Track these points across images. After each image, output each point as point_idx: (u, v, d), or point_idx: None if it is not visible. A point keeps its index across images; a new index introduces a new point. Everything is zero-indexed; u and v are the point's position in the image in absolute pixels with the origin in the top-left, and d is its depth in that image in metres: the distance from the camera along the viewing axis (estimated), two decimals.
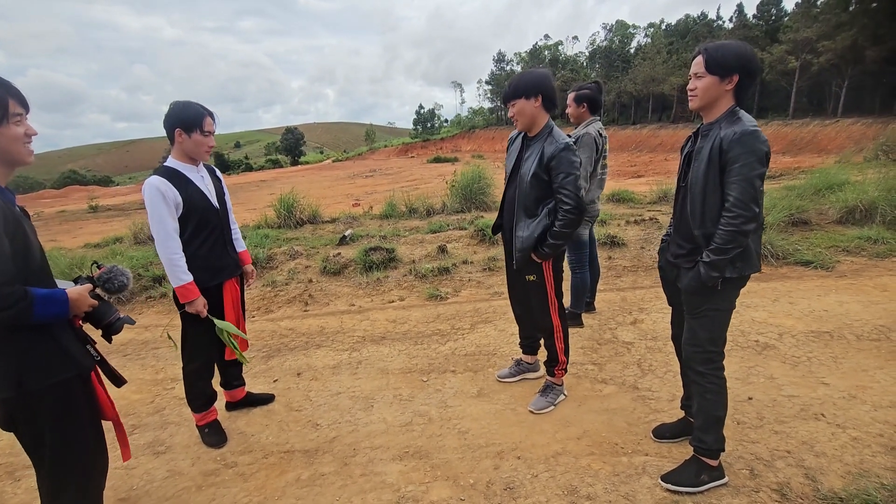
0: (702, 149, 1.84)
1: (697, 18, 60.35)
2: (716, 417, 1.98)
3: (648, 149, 44.25)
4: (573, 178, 2.27)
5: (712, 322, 1.93)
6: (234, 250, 2.56)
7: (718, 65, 1.76)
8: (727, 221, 1.74)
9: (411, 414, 2.67)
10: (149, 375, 3.39)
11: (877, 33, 32.73)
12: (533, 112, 2.35)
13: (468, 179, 7.84)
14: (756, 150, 1.70)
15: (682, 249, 1.97)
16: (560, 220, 2.30)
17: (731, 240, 1.74)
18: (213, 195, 2.40)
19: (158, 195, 2.16)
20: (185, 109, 2.24)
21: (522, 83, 2.33)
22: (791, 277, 4.48)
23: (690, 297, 1.95)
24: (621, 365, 3.07)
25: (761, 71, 1.84)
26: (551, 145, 2.30)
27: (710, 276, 1.81)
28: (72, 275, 5.15)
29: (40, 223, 15.57)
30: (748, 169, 1.70)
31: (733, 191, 1.73)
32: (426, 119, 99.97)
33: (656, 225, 5.91)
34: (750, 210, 1.71)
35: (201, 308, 2.29)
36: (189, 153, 2.30)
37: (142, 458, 2.42)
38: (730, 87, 1.79)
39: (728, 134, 1.74)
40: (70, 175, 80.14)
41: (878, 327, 3.35)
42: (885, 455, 2.11)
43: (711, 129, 1.83)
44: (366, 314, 4.27)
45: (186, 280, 2.24)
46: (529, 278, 2.48)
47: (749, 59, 1.77)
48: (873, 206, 5.58)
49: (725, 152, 1.74)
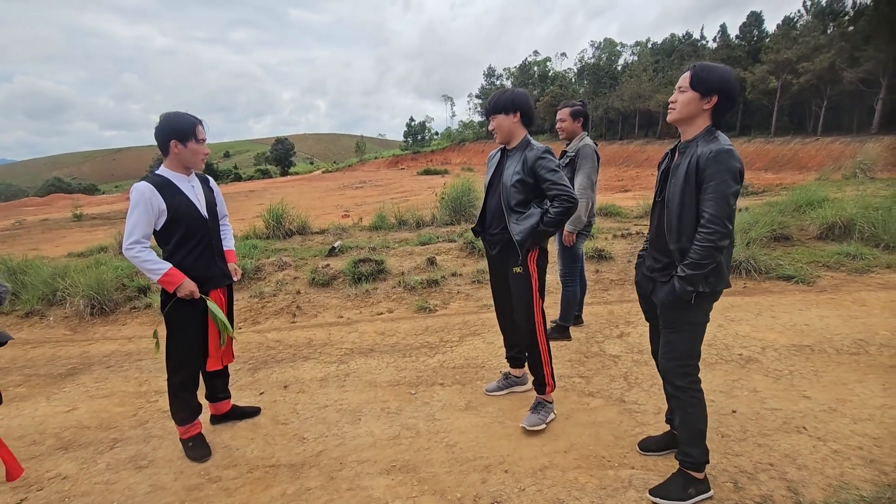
0: (679, 165, 1.90)
1: (682, 38, 61.88)
2: (698, 430, 2.01)
3: (635, 163, 44.92)
4: (560, 175, 2.42)
5: (688, 335, 1.97)
6: (222, 261, 2.55)
7: (702, 82, 1.83)
8: (703, 237, 1.79)
9: (399, 427, 2.66)
10: (132, 388, 3.33)
11: (853, 56, 33.86)
12: (511, 127, 2.51)
13: (458, 192, 7.89)
14: (731, 168, 1.76)
15: (658, 263, 2.02)
16: (556, 206, 2.40)
17: (706, 255, 1.79)
18: (202, 205, 2.40)
19: (142, 200, 2.18)
20: (177, 120, 2.26)
21: (502, 100, 2.50)
22: (773, 292, 4.57)
23: (666, 311, 1.99)
24: (608, 378, 3.10)
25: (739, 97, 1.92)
26: (531, 152, 2.45)
27: (684, 290, 1.85)
28: (54, 284, 5.06)
29: (22, 231, 15.27)
30: (724, 186, 1.75)
31: (709, 207, 1.78)
32: (417, 131, 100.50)
33: (643, 238, 5.99)
34: (724, 227, 1.76)
35: (193, 288, 2.27)
36: (185, 162, 2.33)
37: (123, 473, 2.37)
38: (708, 107, 1.85)
39: (705, 152, 1.79)
40: (55, 183, 78.81)
41: (857, 341, 3.43)
42: (865, 467, 2.15)
43: (689, 146, 1.89)
44: (354, 326, 4.25)
45: (165, 268, 2.22)
46: (516, 270, 2.54)
47: (731, 83, 1.83)
48: (852, 223, 5.72)
49: (702, 170, 1.79)
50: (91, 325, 4.70)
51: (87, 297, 4.79)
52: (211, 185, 2.57)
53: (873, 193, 7.32)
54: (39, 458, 2.55)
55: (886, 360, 3.14)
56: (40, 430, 2.83)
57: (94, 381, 3.47)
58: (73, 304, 4.82)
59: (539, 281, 2.56)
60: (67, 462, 2.50)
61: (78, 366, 3.77)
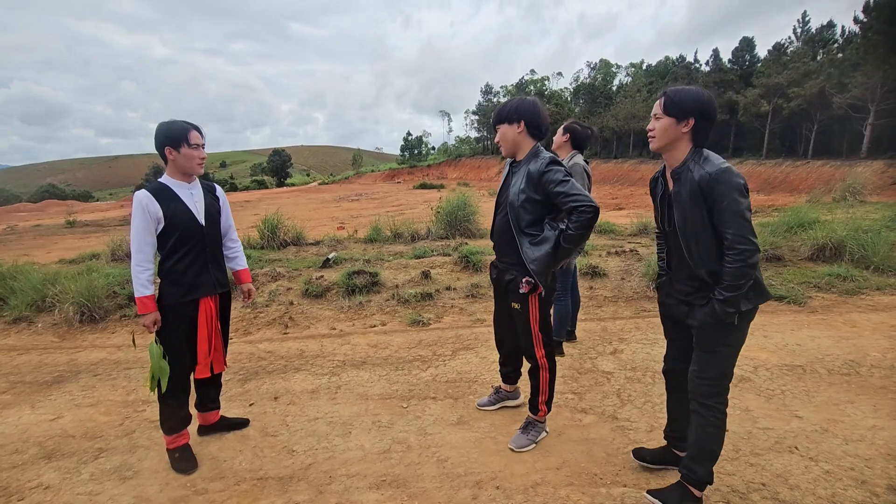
0: (679, 193, 1.87)
1: (676, 61, 63.15)
2: (711, 451, 1.98)
3: (629, 182, 45.38)
4: (571, 184, 2.20)
5: (724, 357, 1.92)
6: (217, 269, 2.53)
7: (675, 106, 1.83)
8: (733, 259, 1.75)
9: (390, 441, 2.63)
10: (119, 397, 3.27)
11: (842, 82, 34.65)
12: (515, 137, 2.37)
13: (453, 206, 7.93)
14: (735, 185, 1.73)
15: (691, 287, 1.98)
16: (575, 220, 2.17)
17: (741, 275, 1.75)
18: (200, 213, 2.41)
19: (139, 208, 2.25)
20: (169, 127, 2.30)
21: (506, 109, 2.37)
22: (765, 311, 4.60)
23: (704, 334, 1.93)
24: (601, 395, 3.09)
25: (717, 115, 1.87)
26: (536, 163, 2.28)
27: (726, 312, 1.81)
28: (43, 291, 5.00)
29: (13, 237, 15.12)
30: (736, 204, 1.72)
31: (729, 228, 1.74)
32: (414, 146, 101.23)
33: (636, 256, 6.04)
34: (751, 243, 1.73)
35: (149, 324, 2.32)
36: (182, 168, 2.35)
37: (107, 484, 2.32)
38: (686, 130, 1.84)
39: (703, 175, 1.77)
40: (48, 189, 78.36)
41: (847, 362, 3.45)
42: (856, 489, 2.14)
43: (682, 172, 1.86)
44: (347, 338, 4.23)
45: (144, 293, 2.30)
46: (514, 305, 2.45)
47: (705, 103, 1.82)
48: (842, 245, 5.80)
49: (707, 192, 1.76)
50: (80, 332, 4.64)
51: (76, 303, 4.73)
52: (217, 194, 2.59)
53: (863, 216, 7.44)
54: (21, 466, 2.49)
55: (877, 382, 3.16)
56: (24, 439, 2.77)
57: (80, 389, 3.41)
58: (63, 310, 4.76)
59: (540, 314, 2.41)
60: (50, 471, 2.44)
61: (65, 373, 3.71)
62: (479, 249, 5.97)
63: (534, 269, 2.28)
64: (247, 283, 2.78)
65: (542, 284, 2.33)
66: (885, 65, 31.12)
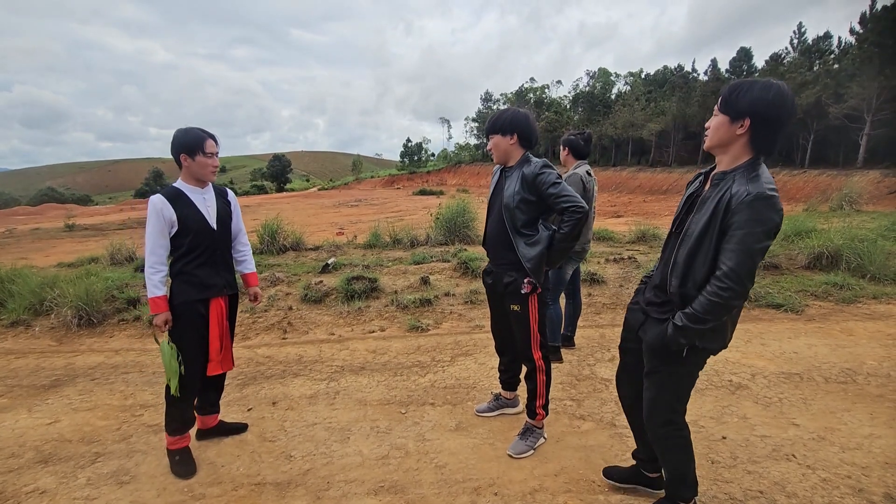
0: (708, 199, 1.64)
1: (675, 70, 63.65)
2: (681, 474, 1.92)
3: (628, 190, 45.55)
4: (563, 185, 2.31)
5: (673, 387, 1.81)
6: (227, 271, 2.59)
7: (729, 105, 1.59)
8: (714, 291, 1.55)
9: (388, 447, 2.63)
10: (117, 401, 3.26)
11: (838, 92, 34.96)
12: (507, 148, 2.46)
13: (453, 212, 7.95)
14: (766, 221, 1.49)
15: (658, 298, 1.83)
16: (566, 221, 2.28)
17: (712, 311, 1.57)
18: (212, 217, 2.47)
19: (154, 212, 2.32)
20: (186, 135, 2.37)
21: (500, 120, 2.45)
22: (763, 319, 4.62)
23: (650, 355, 1.83)
24: (599, 401, 3.09)
25: (787, 120, 1.53)
26: (530, 167, 2.38)
27: (675, 341, 1.66)
28: (41, 294, 5.00)
29: (12, 240, 15.10)
30: (751, 239, 1.50)
31: (729, 259, 1.53)
32: (413, 152, 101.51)
33: (634, 264, 6.06)
34: (742, 285, 1.53)
35: (161, 324, 2.37)
36: (196, 175, 2.43)
37: (104, 488, 2.31)
38: (741, 132, 1.58)
39: (741, 192, 1.52)
40: (48, 192, 78.29)
41: (844, 370, 3.46)
42: (853, 497, 2.15)
43: (724, 179, 1.62)
44: (345, 343, 4.23)
45: (157, 294, 2.34)
46: (514, 308, 2.47)
47: (766, 103, 1.52)
48: (838, 253, 5.83)
49: (732, 213, 1.53)
50: (78, 336, 4.63)
51: (75, 307, 4.72)
52: (229, 199, 2.65)
53: (859, 225, 7.48)
54: (18, 471, 2.48)
55: (874, 390, 3.17)
56: (20, 443, 2.76)
57: (78, 393, 3.40)
58: (61, 314, 4.75)
59: (539, 315, 2.47)
60: (47, 476, 2.43)
61: (62, 377, 3.70)
62: (478, 255, 5.98)
63: (529, 267, 2.37)
64: (254, 286, 2.84)
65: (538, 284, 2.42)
66: (881, 75, 31.42)
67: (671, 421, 1.86)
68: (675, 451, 1.89)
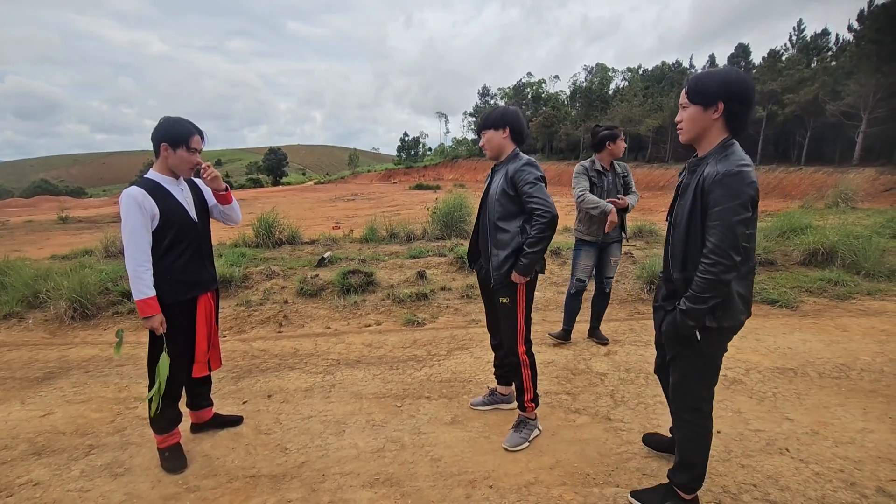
0: (688, 186, 1.74)
1: (672, 66, 63.60)
2: (690, 462, 1.95)
3: None
4: (539, 187, 2.36)
5: (696, 372, 1.83)
6: (211, 264, 2.53)
7: (699, 93, 1.67)
8: (704, 269, 1.62)
9: (384, 440, 2.63)
10: (111, 393, 3.25)
11: (835, 90, 35.04)
12: (500, 143, 2.51)
13: (449, 207, 7.93)
14: (739, 194, 1.56)
15: (667, 291, 1.89)
16: (533, 225, 2.33)
17: (708, 288, 1.63)
18: (192, 209, 2.39)
19: (135, 206, 2.15)
20: (174, 125, 2.26)
21: (492, 116, 2.52)
22: (758, 315, 4.63)
23: (669, 344, 1.87)
24: (594, 395, 3.10)
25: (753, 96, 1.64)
26: (514, 164, 2.44)
27: (685, 325, 1.70)
28: (35, 287, 4.96)
29: (5, 232, 14.98)
30: (729, 213, 1.57)
31: (712, 236, 1.60)
32: (410, 146, 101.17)
33: (630, 259, 6.07)
34: (729, 258, 1.58)
35: (157, 325, 2.23)
36: (173, 168, 2.31)
37: (98, 481, 2.30)
38: (717, 116, 1.66)
39: (712, 173, 1.61)
40: (41, 184, 77.70)
41: (838, 366, 3.48)
42: (846, 490, 2.16)
43: (700, 164, 1.72)
44: (341, 337, 4.22)
45: (148, 294, 2.19)
46: (503, 300, 2.50)
47: (734, 83, 1.63)
48: (833, 250, 5.85)
49: (707, 193, 1.62)
50: (71, 328, 4.60)
51: (68, 300, 4.69)
52: (199, 186, 2.52)
53: (854, 222, 7.51)
54: (10, 463, 2.47)
55: (867, 385, 3.19)
56: (13, 435, 2.74)
57: (71, 385, 3.38)
58: (55, 307, 4.72)
59: (526, 311, 2.51)
60: (40, 468, 2.42)
61: (56, 370, 3.68)
62: None
63: (495, 264, 2.44)
64: None
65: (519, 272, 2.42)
66: (878, 73, 31.48)
67: (698, 409, 1.89)
68: (695, 439, 1.93)
